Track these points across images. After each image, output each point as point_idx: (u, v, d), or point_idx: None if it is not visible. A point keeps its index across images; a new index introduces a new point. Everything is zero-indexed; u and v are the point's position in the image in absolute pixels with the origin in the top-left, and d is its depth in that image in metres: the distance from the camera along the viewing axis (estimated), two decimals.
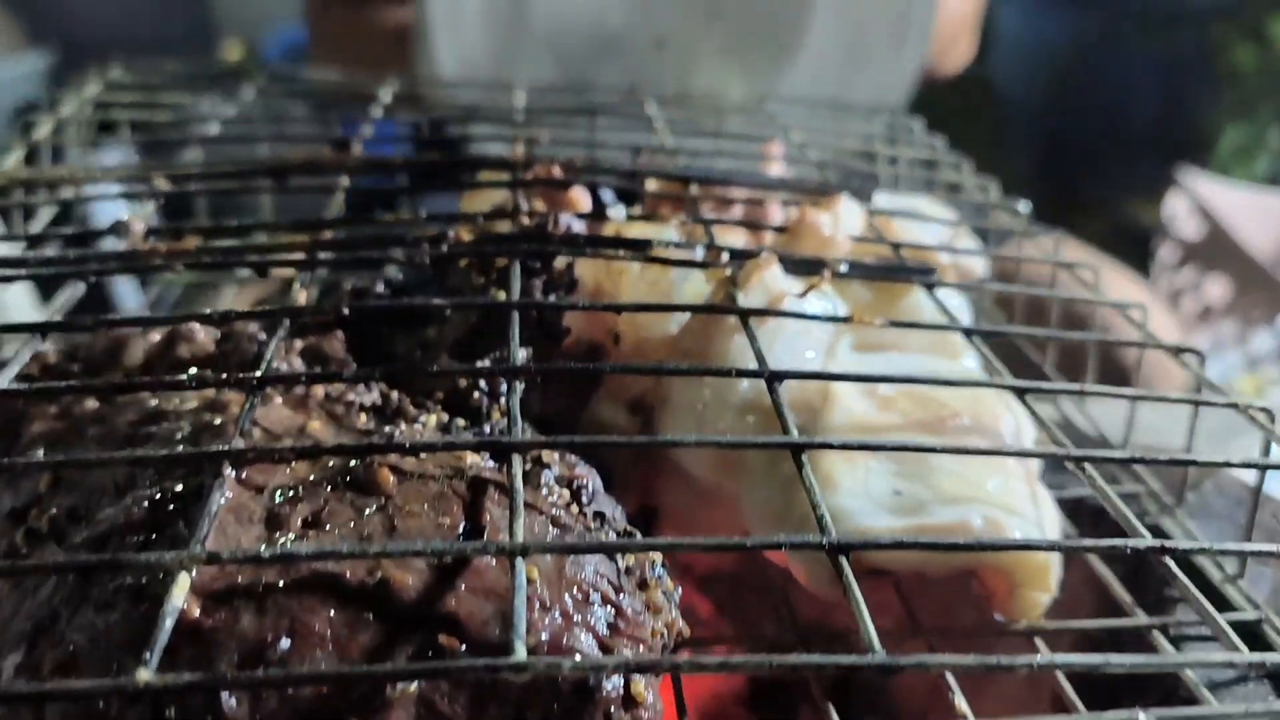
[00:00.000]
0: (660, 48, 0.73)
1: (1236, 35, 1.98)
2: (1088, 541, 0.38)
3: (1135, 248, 1.82)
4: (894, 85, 0.78)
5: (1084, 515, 0.49)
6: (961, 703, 0.28)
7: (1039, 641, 0.36)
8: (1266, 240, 1.69)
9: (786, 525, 0.34)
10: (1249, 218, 1.67)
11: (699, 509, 0.38)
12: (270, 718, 0.26)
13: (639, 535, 0.34)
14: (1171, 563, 0.31)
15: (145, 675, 0.22)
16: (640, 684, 0.29)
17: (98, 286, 0.41)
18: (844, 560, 0.27)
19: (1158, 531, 0.47)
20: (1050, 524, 0.35)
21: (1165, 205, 1.66)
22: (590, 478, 0.33)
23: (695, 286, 0.39)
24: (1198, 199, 1.58)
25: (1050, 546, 0.33)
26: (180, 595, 0.25)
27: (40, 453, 0.36)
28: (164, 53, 2.22)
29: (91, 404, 0.37)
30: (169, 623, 0.24)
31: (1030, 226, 0.62)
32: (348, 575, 0.28)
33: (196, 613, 0.28)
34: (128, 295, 1.33)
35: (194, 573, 0.26)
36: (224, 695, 0.26)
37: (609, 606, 0.30)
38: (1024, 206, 0.62)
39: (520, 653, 0.24)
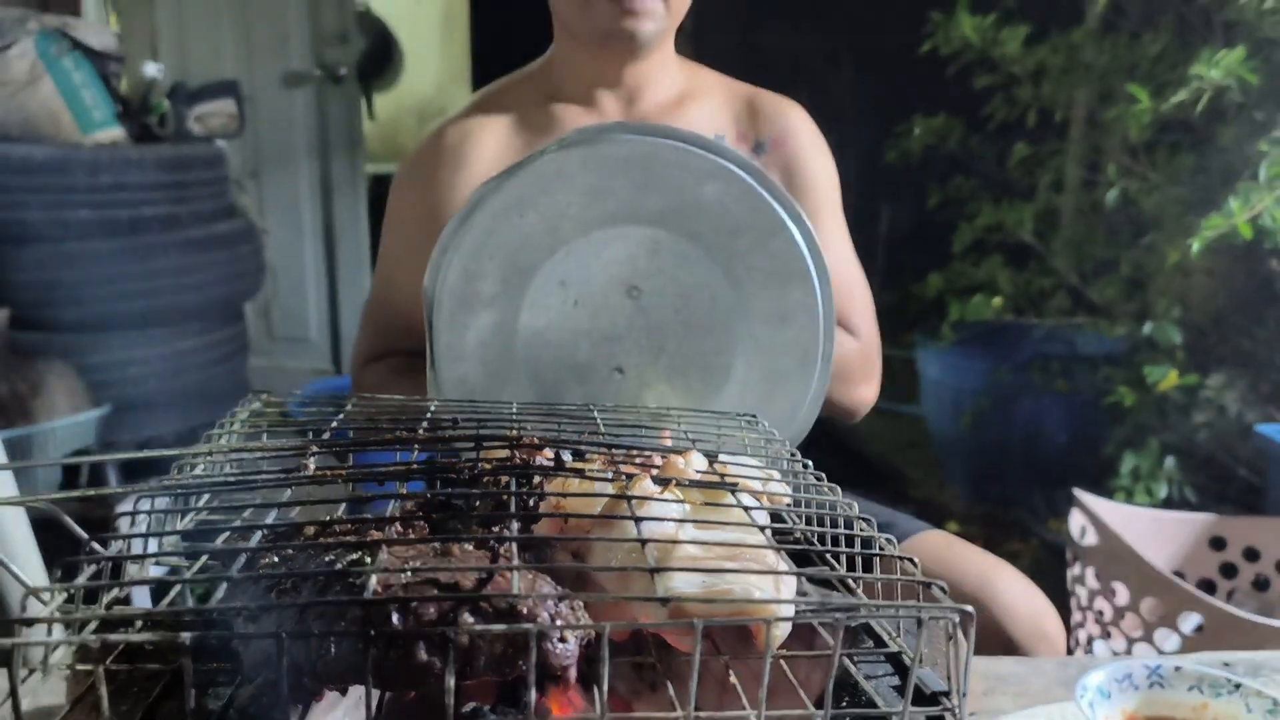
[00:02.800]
0: (619, 374, 0.94)
1: (1121, 379, 2.35)
2: (801, 601, 0.56)
3: (1060, 564, 2.04)
4: (804, 406, 0.97)
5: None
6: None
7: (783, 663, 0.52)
8: (1163, 552, 1.94)
9: (647, 606, 0.51)
10: (1147, 533, 1.93)
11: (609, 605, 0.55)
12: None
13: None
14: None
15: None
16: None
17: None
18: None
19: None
20: (787, 596, 0.51)
21: (1069, 522, 1.90)
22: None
23: (607, 490, 0.59)
24: (1093, 515, 1.83)
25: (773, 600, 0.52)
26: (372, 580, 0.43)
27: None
28: (205, 405, 2.54)
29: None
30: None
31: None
32: (441, 578, 0.46)
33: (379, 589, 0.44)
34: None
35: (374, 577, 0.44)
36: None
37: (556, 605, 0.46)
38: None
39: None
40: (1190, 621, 1.65)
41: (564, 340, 0.93)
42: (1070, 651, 1.80)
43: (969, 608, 0.38)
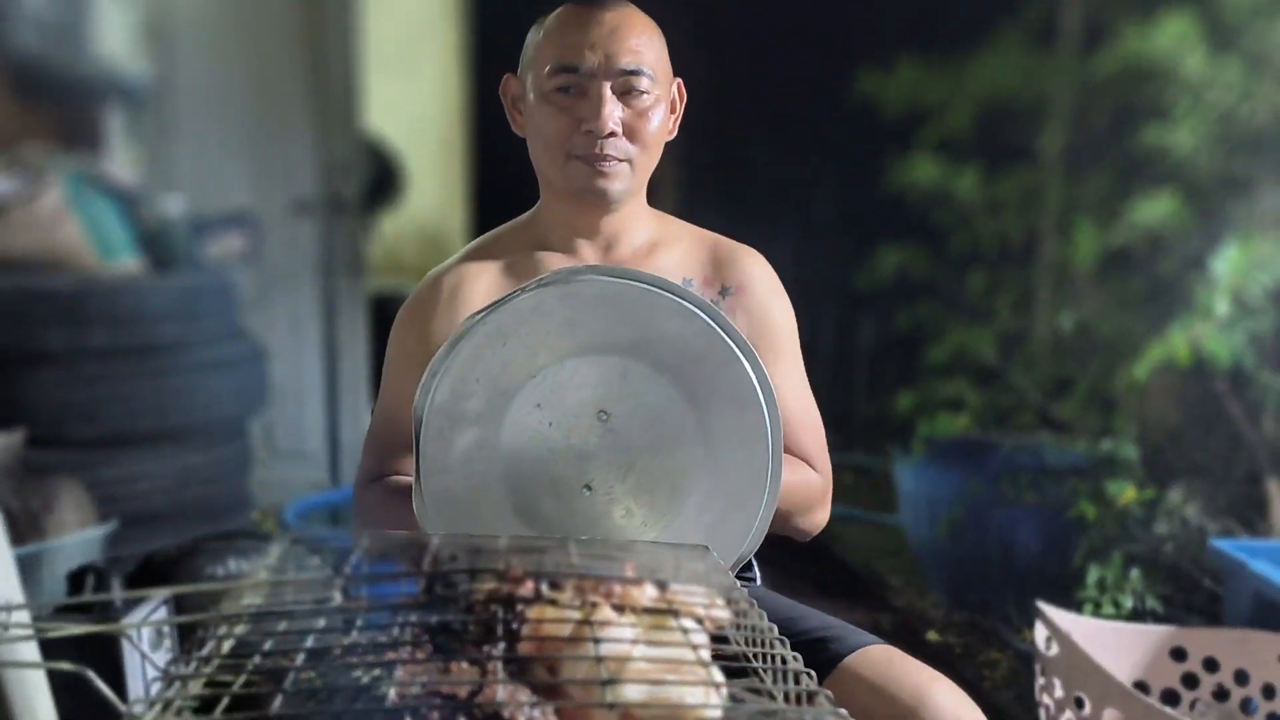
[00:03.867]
0: (589, 490, 1.02)
1: (1083, 493, 2.47)
2: (727, 707, 0.63)
3: (1033, 673, 2.11)
4: (757, 520, 1.03)
5: None
6: None
7: None
8: (1125, 664, 2.02)
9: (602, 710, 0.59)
10: (1110, 645, 2.01)
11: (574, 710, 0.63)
12: None
13: None
14: None
15: None
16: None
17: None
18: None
19: None
20: (715, 704, 0.60)
21: (1035, 634, 1.98)
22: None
23: (575, 616, 0.67)
24: (1055, 628, 1.92)
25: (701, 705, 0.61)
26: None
27: None
28: (207, 519, 2.64)
29: None
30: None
31: None
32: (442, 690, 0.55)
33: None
34: None
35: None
36: None
37: None
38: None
39: None
40: None
41: (539, 457, 1.02)
42: None
43: (844, 712, 0.49)
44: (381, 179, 5.34)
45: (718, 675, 0.52)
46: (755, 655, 0.63)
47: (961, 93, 2.57)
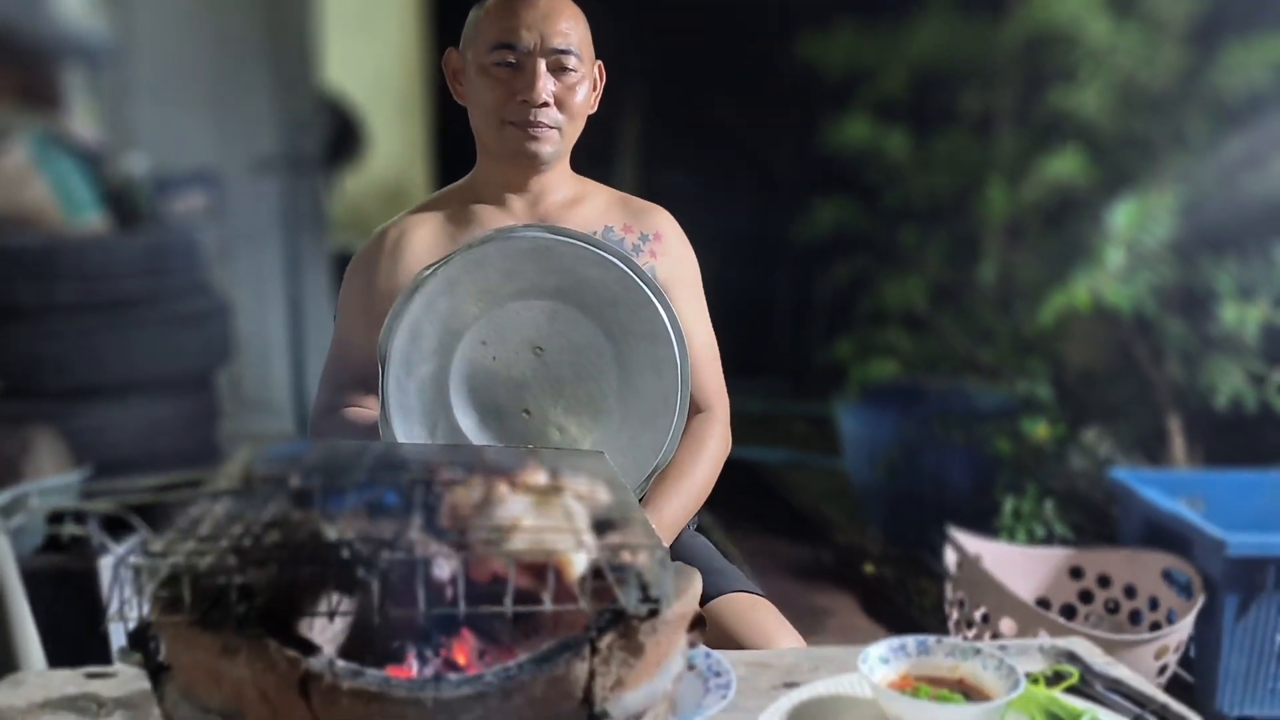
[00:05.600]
0: (527, 414, 1.18)
1: (1000, 431, 2.66)
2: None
3: None
4: (668, 437, 1.19)
5: None
6: None
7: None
8: (1030, 582, 2.22)
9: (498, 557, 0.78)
10: (1017, 565, 2.20)
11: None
12: None
13: None
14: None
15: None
16: None
17: None
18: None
19: None
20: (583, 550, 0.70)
21: (946, 555, 2.18)
22: None
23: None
24: (960, 548, 2.11)
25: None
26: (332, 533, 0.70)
27: None
28: (178, 466, 2.76)
29: None
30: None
31: None
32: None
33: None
34: None
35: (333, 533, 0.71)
36: None
37: None
38: None
39: None
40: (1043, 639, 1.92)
41: (485, 386, 1.18)
42: None
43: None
44: (342, 135, 5.39)
45: (588, 536, 0.67)
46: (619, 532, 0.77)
47: (896, 57, 2.70)
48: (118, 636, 1.95)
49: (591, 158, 1.49)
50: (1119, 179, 2.23)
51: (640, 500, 1.26)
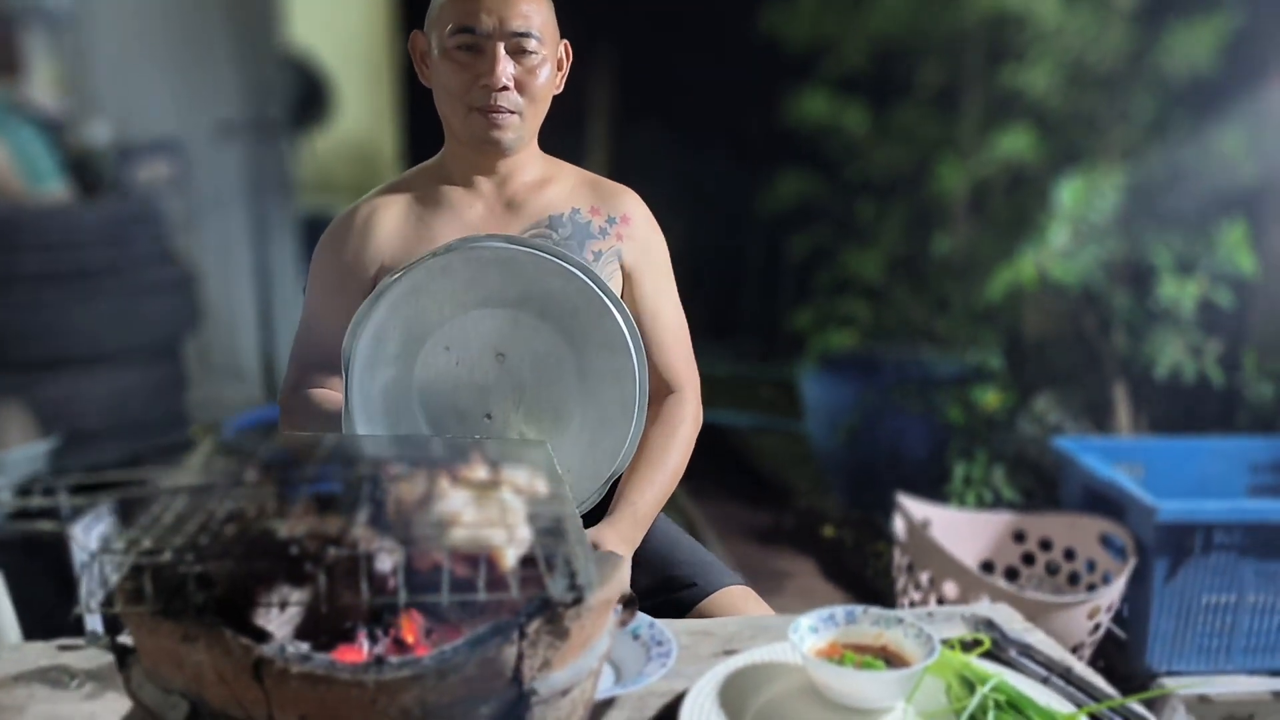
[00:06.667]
0: (489, 418, 1.21)
1: (951, 399, 2.74)
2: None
3: None
4: (626, 442, 1.22)
5: None
6: None
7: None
8: (974, 546, 2.31)
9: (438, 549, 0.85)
10: (962, 530, 2.30)
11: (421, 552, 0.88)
12: None
13: None
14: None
15: None
16: None
17: None
18: None
19: None
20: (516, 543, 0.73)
21: (894, 521, 2.27)
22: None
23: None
24: (906, 514, 2.19)
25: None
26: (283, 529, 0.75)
27: None
28: (146, 434, 2.79)
29: None
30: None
31: None
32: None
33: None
34: None
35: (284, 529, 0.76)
36: None
37: None
38: None
39: None
40: (983, 602, 2.02)
41: (447, 390, 1.21)
42: None
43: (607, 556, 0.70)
44: (310, 96, 5.34)
45: (523, 530, 0.73)
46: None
47: (857, 29, 2.73)
48: (91, 620, 2.01)
49: (563, 118, 1.49)
50: (1067, 156, 2.29)
51: (615, 490, 1.30)
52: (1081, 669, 1.11)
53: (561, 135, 1.50)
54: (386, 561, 0.67)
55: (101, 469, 2.63)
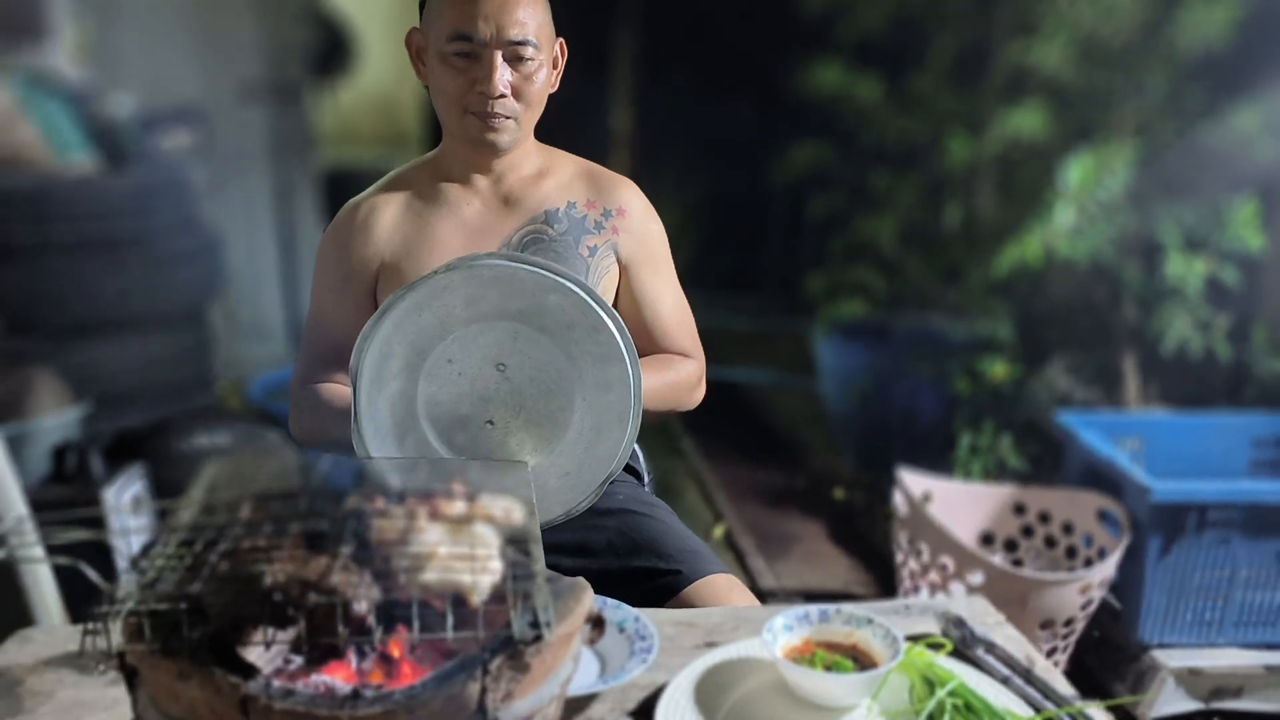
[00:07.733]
0: (491, 425, 1.27)
1: (959, 370, 2.76)
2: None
3: None
4: (621, 448, 1.29)
5: None
6: None
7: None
8: (975, 518, 2.36)
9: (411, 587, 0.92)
10: (964, 502, 2.34)
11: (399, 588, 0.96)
12: None
13: None
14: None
15: None
16: None
17: None
18: None
19: None
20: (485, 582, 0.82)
21: (895, 495, 2.31)
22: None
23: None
24: (905, 489, 2.24)
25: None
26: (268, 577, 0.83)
27: None
28: (174, 398, 2.90)
29: None
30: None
31: None
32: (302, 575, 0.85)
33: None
34: None
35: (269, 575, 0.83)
36: None
37: None
38: None
39: None
40: (978, 576, 2.08)
41: (450, 400, 1.27)
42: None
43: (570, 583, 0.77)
44: (333, 49, 5.35)
45: (495, 564, 0.79)
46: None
47: None
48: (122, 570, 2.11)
49: (586, 66, 1.47)
50: (1080, 132, 2.27)
51: (610, 490, 1.36)
52: (1044, 668, 1.16)
53: (584, 82, 1.49)
54: (363, 604, 0.73)
55: (130, 433, 2.72)
